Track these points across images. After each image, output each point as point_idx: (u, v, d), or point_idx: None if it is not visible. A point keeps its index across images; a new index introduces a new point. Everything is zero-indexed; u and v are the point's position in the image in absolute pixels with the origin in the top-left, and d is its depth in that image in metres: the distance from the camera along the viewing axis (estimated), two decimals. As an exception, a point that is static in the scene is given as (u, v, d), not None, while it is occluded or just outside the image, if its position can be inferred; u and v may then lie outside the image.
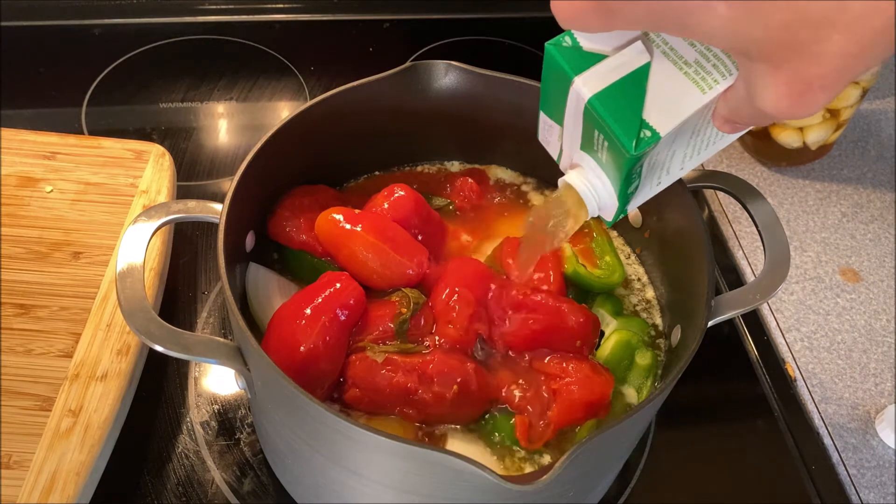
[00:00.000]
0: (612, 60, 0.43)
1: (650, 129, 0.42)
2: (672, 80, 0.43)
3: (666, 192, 0.63)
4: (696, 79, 0.42)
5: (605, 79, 0.43)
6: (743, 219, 0.92)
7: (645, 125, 0.42)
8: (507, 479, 0.44)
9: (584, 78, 0.43)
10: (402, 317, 0.58)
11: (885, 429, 0.74)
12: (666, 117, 0.43)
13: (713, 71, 0.42)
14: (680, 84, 0.43)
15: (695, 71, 0.42)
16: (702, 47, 0.42)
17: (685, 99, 0.43)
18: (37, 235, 0.74)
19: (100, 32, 1.06)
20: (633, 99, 0.43)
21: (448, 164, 0.75)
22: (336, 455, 0.51)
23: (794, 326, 0.83)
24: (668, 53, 0.43)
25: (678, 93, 0.43)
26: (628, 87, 0.43)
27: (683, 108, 0.43)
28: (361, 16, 1.13)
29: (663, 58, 0.43)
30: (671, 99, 0.43)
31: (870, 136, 1.03)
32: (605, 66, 0.43)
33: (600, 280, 0.65)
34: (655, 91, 0.43)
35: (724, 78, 0.42)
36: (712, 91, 0.42)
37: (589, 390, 0.57)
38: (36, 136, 0.81)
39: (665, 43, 0.43)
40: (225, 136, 0.96)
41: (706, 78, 0.42)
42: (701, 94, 0.42)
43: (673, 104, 0.43)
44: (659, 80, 0.43)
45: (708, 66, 0.42)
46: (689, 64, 0.42)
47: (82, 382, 0.64)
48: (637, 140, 0.42)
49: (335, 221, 0.61)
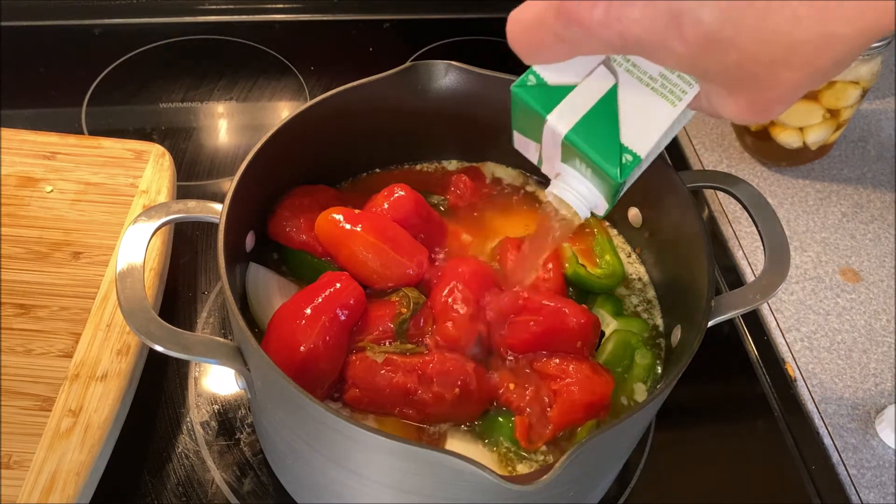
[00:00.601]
0: (580, 89, 0.43)
1: (630, 153, 0.43)
2: (641, 97, 0.43)
3: (666, 192, 0.63)
4: (664, 92, 0.42)
5: (578, 110, 0.43)
6: (743, 219, 0.92)
7: (625, 150, 0.43)
8: (507, 479, 0.44)
9: (556, 115, 0.43)
10: (402, 317, 0.58)
11: (885, 429, 0.74)
12: (643, 137, 0.43)
13: (679, 81, 0.42)
14: (649, 100, 0.43)
15: (661, 85, 0.42)
16: None
17: (657, 114, 0.43)
18: (37, 235, 0.74)
19: (100, 32, 1.06)
20: (608, 124, 0.43)
21: (446, 163, 0.75)
22: (336, 455, 0.51)
23: (794, 326, 0.83)
24: (633, 71, 0.43)
25: (649, 109, 0.43)
26: (601, 114, 0.43)
27: (658, 124, 0.43)
28: (361, 16, 1.13)
29: (628, 76, 0.43)
30: (644, 117, 0.43)
31: (870, 136, 1.03)
32: (574, 97, 0.43)
33: (600, 280, 0.65)
34: (627, 111, 0.43)
35: (691, 86, 0.42)
36: (682, 102, 0.42)
37: (589, 391, 0.57)
38: (36, 136, 0.81)
39: (627, 60, 0.43)
40: (225, 136, 0.96)
41: (673, 90, 0.42)
42: (671, 107, 0.42)
43: (647, 122, 0.43)
44: (628, 100, 0.43)
45: (673, 78, 0.42)
46: (655, 78, 0.43)
47: (82, 382, 0.64)
48: (620, 167, 0.43)
49: (335, 221, 0.61)
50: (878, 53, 0.85)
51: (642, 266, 0.70)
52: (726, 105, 0.38)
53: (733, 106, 0.38)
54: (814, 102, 0.89)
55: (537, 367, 0.59)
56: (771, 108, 0.37)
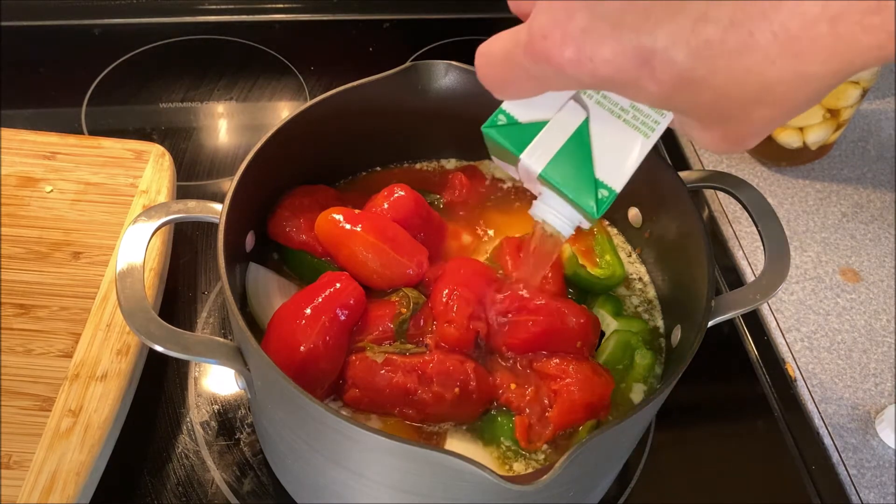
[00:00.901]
0: (552, 125, 0.43)
1: (606, 188, 0.43)
2: (613, 130, 0.42)
3: (666, 192, 0.63)
4: (637, 124, 0.42)
5: (550, 148, 0.43)
6: (743, 219, 0.92)
7: (600, 185, 0.42)
8: (507, 479, 0.44)
9: (529, 153, 0.43)
10: (401, 317, 0.58)
11: (885, 429, 0.74)
12: (618, 171, 0.43)
13: (651, 112, 0.42)
14: (622, 133, 0.42)
15: (633, 116, 0.42)
16: None
17: (630, 147, 0.42)
18: (37, 235, 0.74)
19: (100, 32, 1.06)
20: (582, 160, 0.43)
21: (445, 162, 0.75)
22: (336, 455, 0.51)
23: (794, 326, 0.83)
24: (603, 103, 0.42)
25: (622, 142, 0.42)
26: (574, 149, 0.43)
27: (631, 157, 0.42)
28: (361, 16, 1.13)
29: (599, 108, 0.42)
30: (617, 150, 0.42)
31: (870, 136, 1.03)
32: (546, 134, 0.43)
33: (601, 281, 0.65)
34: (600, 145, 0.43)
35: (663, 115, 0.42)
36: (655, 133, 0.42)
37: (589, 391, 0.57)
38: (36, 136, 0.81)
39: (598, 93, 0.42)
40: (225, 136, 0.96)
41: (645, 122, 0.42)
42: (644, 138, 0.42)
43: (620, 156, 0.42)
44: (601, 133, 0.42)
45: (644, 109, 0.42)
46: (626, 110, 0.42)
47: (82, 382, 0.64)
48: (597, 203, 0.42)
49: (335, 221, 0.61)
50: (878, 53, 0.85)
51: (643, 266, 0.70)
52: (701, 137, 0.38)
53: (708, 138, 0.38)
54: (814, 102, 0.89)
55: (537, 367, 0.59)
56: (745, 141, 0.37)
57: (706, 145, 0.39)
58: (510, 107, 0.43)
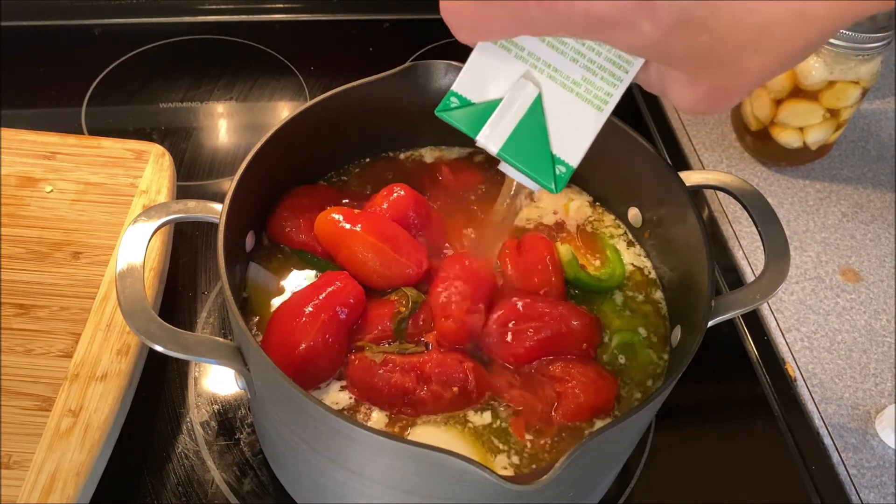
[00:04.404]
0: (505, 104, 0.42)
1: (563, 164, 0.42)
2: (567, 104, 0.42)
3: (666, 192, 0.63)
4: (589, 97, 0.42)
5: (506, 127, 0.43)
6: (743, 219, 0.91)
7: (557, 160, 0.42)
8: (507, 479, 0.44)
9: (485, 133, 0.43)
10: (400, 315, 0.59)
11: (885, 429, 0.74)
12: (573, 146, 0.42)
13: (603, 84, 0.41)
14: (575, 107, 0.42)
15: (585, 90, 0.42)
16: (585, 61, 0.41)
17: (585, 121, 0.42)
18: (37, 235, 0.74)
19: (100, 32, 1.06)
20: (538, 137, 0.42)
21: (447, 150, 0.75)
22: (336, 455, 0.51)
23: (794, 326, 0.83)
24: (555, 77, 0.42)
25: (577, 116, 0.42)
26: (529, 127, 0.42)
27: (586, 131, 0.42)
28: (361, 16, 1.13)
29: (551, 83, 0.42)
30: (572, 125, 0.42)
31: (870, 136, 1.03)
32: (500, 113, 0.43)
33: (601, 282, 0.65)
34: (555, 121, 0.42)
35: (615, 87, 0.41)
36: (608, 106, 0.42)
37: (594, 394, 0.57)
38: (36, 136, 0.81)
39: (548, 66, 0.42)
40: (225, 136, 0.96)
41: (598, 94, 0.42)
42: (598, 112, 0.42)
43: (575, 130, 0.42)
44: (555, 109, 0.42)
45: (596, 81, 0.41)
46: (578, 83, 0.42)
47: (82, 382, 0.64)
48: (555, 179, 0.42)
49: (335, 221, 0.61)
50: (879, 53, 0.85)
51: (644, 265, 0.70)
52: (683, 93, 0.37)
53: (690, 94, 0.37)
54: (814, 102, 0.89)
55: (542, 369, 0.59)
56: (729, 98, 0.36)
57: (688, 103, 0.38)
58: (461, 87, 0.43)
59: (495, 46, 0.42)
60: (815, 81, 0.87)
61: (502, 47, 0.42)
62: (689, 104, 0.38)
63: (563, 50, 0.41)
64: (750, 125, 0.97)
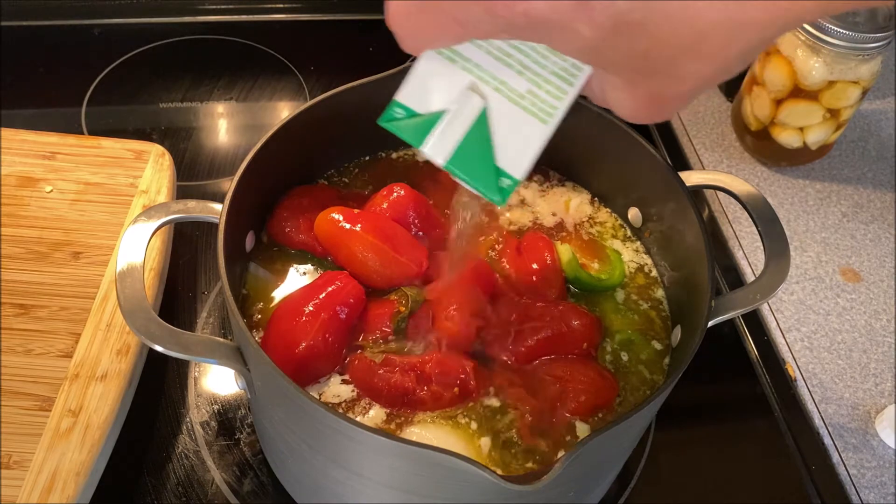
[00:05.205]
0: (451, 116, 0.42)
1: (508, 177, 0.42)
2: (512, 117, 0.42)
3: (666, 192, 0.63)
4: (534, 110, 0.42)
5: (451, 139, 0.42)
6: (743, 219, 0.91)
7: (502, 173, 0.42)
8: (507, 479, 0.44)
9: (430, 146, 0.43)
10: (400, 315, 0.59)
11: (885, 429, 0.74)
12: (518, 159, 0.42)
13: (548, 98, 0.41)
14: (520, 120, 0.42)
15: (530, 103, 0.42)
16: (531, 74, 0.41)
17: (530, 134, 0.42)
18: (37, 235, 0.74)
19: (100, 32, 1.06)
20: (483, 149, 0.42)
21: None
22: (336, 455, 0.51)
23: (794, 326, 0.83)
24: (501, 89, 0.42)
25: (521, 129, 0.42)
26: (475, 139, 0.42)
27: (531, 144, 0.42)
28: (361, 16, 1.13)
29: (497, 95, 0.42)
30: (517, 138, 0.42)
31: (870, 136, 1.03)
32: (445, 124, 0.42)
33: (601, 282, 0.65)
34: (500, 133, 0.42)
35: (561, 100, 0.41)
36: (553, 119, 0.41)
37: (594, 394, 0.57)
38: (36, 136, 0.81)
39: (494, 78, 0.42)
40: (225, 136, 0.96)
41: (543, 108, 0.41)
42: (543, 124, 0.42)
43: (520, 143, 0.42)
44: (500, 121, 0.42)
45: (542, 94, 0.41)
46: (524, 96, 0.41)
47: (82, 382, 0.64)
48: (501, 192, 0.42)
49: (334, 221, 0.61)
50: (879, 53, 0.85)
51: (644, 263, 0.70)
52: (623, 100, 0.37)
53: (630, 101, 0.37)
54: (814, 102, 0.89)
55: (542, 369, 0.59)
56: (669, 105, 0.36)
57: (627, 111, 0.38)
58: (406, 98, 0.43)
59: (441, 57, 0.42)
60: (815, 81, 0.87)
61: (448, 58, 0.42)
62: (629, 111, 0.38)
63: (509, 62, 0.41)
64: (750, 125, 0.97)
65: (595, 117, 0.65)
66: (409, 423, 0.56)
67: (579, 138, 0.68)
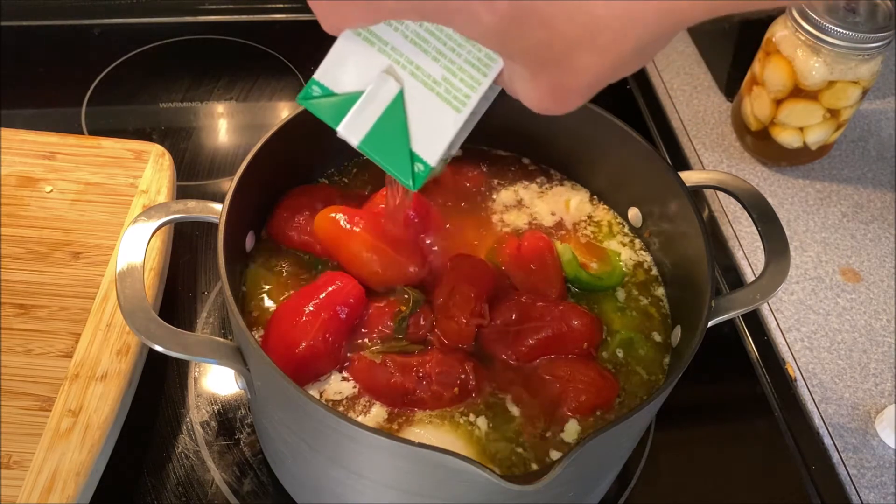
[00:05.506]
0: (367, 97, 0.43)
1: (421, 162, 0.43)
2: (426, 103, 0.42)
3: (666, 192, 0.63)
4: (448, 98, 0.42)
5: (367, 120, 0.43)
6: (743, 219, 0.91)
7: (416, 158, 0.43)
8: (507, 479, 0.44)
9: (346, 125, 0.43)
10: (401, 314, 0.59)
11: (885, 429, 0.74)
12: (431, 145, 0.43)
13: (462, 86, 0.42)
14: (434, 106, 0.42)
15: (445, 90, 0.42)
16: (446, 61, 0.42)
17: (443, 121, 0.42)
18: (37, 235, 0.74)
19: (100, 32, 1.06)
20: (398, 133, 0.43)
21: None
22: (336, 455, 0.51)
23: (794, 326, 0.83)
24: (417, 74, 0.42)
25: (435, 116, 0.42)
26: (390, 122, 0.43)
27: (444, 131, 0.42)
28: (361, 16, 1.13)
29: (413, 80, 0.42)
30: (431, 124, 0.42)
31: (870, 136, 1.03)
32: (361, 106, 0.43)
33: (602, 282, 0.65)
34: (415, 117, 0.43)
35: (474, 90, 0.42)
36: (466, 108, 0.42)
37: (594, 394, 0.57)
38: (36, 136, 0.81)
39: (410, 63, 0.42)
40: (225, 136, 0.96)
41: (457, 95, 0.42)
42: (456, 113, 0.42)
43: (434, 129, 0.42)
44: (416, 105, 0.42)
45: (456, 82, 0.42)
46: (438, 83, 0.42)
47: (82, 382, 0.64)
48: (413, 176, 0.43)
49: (335, 221, 0.61)
50: (879, 53, 0.85)
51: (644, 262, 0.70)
52: (527, 90, 0.38)
53: (533, 91, 0.38)
54: (814, 102, 0.89)
55: (544, 370, 0.59)
56: (570, 98, 0.37)
57: (532, 101, 0.38)
58: (323, 77, 0.43)
59: (359, 38, 0.43)
60: (815, 81, 0.87)
61: (366, 40, 0.42)
62: (534, 102, 0.38)
63: (426, 48, 0.42)
64: (750, 125, 0.97)
65: (596, 117, 0.65)
66: (410, 422, 0.56)
67: (579, 137, 0.69)
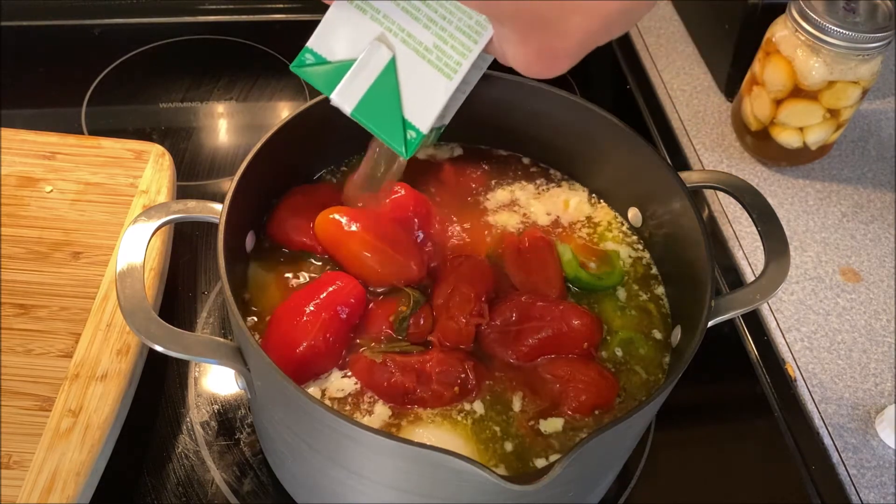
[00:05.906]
0: (360, 64, 0.43)
1: (413, 129, 0.43)
2: (418, 70, 0.43)
3: (666, 192, 0.63)
4: (440, 65, 0.42)
5: (360, 87, 0.43)
6: (743, 219, 0.92)
7: (408, 125, 0.43)
8: (507, 479, 0.44)
9: (339, 92, 0.43)
10: (401, 314, 0.59)
11: (885, 429, 0.74)
12: (423, 112, 0.43)
13: (453, 53, 0.42)
14: (426, 73, 0.43)
15: (436, 57, 0.42)
16: (437, 28, 0.42)
17: (434, 88, 0.43)
18: (37, 235, 0.74)
19: (100, 32, 1.06)
20: (390, 100, 0.43)
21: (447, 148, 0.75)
22: (336, 455, 0.51)
23: (794, 326, 0.83)
24: (408, 41, 0.42)
25: (427, 83, 0.43)
26: (383, 89, 0.43)
27: (435, 98, 0.43)
28: (361, 16, 1.13)
29: (404, 47, 0.43)
30: (423, 91, 0.43)
31: (870, 136, 1.03)
32: (354, 73, 0.43)
33: (601, 281, 0.65)
34: (407, 85, 0.43)
35: (465, 57, 0.42)
36: (457, 75, 0.42)
37: (594, 394, 0.57)
38: (36, 136, 0.81)
39: (402, 30, 0.42)
40: (225, 136, 0.96)
41: (448, 63, 0.42)
42: (447, 80, 0.42)
43: (426, 96, 0.43)
44: (407, 72, 0.43)
45: (447, 49, 0.42)
46: (430, 50, 0.42)
47: (82, 382, 0.64)
48: (406, 144, 0.43)
49: (335, 221, 0.61)
50: (879, 53, 0.85)
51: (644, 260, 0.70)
52: (517, 53, 0.39)
53: (523, 55, 0.38)
54: (814, 102, 0.89)
55: (544, 369, 0.59)
56: (559, 60, 0.38)
57: (521, 64, 0.39)
58: (316, 44, 0.44)
59: (351, 6, 0.43)
60: (815, 81, 0.87)
61: (358, 8, 0.43)
62: (523, 64, 0.39)
63: (417, 16, 0.42)
64: (750, 125, 0.97)
65: (596, 117, 0.66)
66: (410, 422, 0.56)
67: (580, 137, 0.69)
